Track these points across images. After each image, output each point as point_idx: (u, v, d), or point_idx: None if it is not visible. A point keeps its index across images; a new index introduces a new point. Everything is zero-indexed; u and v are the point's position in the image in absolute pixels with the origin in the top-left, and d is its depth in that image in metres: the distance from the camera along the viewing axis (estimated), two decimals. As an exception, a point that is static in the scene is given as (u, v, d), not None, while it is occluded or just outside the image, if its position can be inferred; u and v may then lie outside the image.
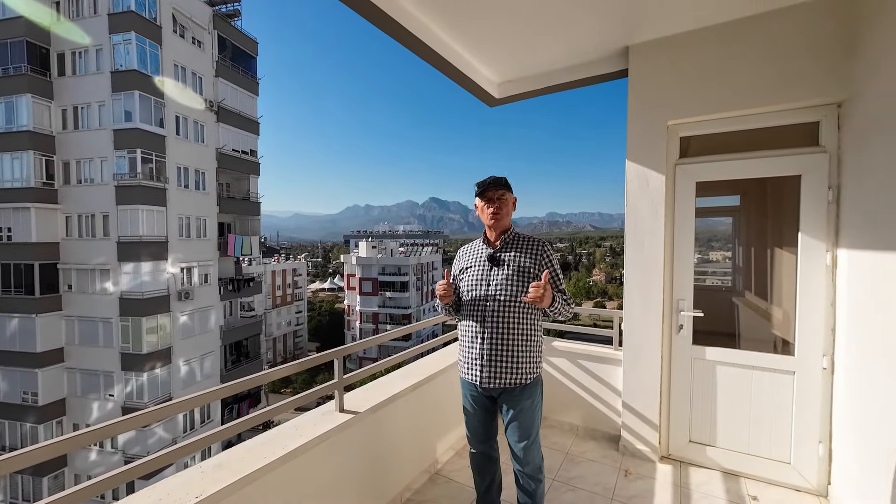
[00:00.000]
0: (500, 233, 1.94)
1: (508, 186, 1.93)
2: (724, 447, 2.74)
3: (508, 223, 1.95)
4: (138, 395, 17.18)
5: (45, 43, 17.12)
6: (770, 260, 3.19)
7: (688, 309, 2.79)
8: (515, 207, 2.00)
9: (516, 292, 1.81)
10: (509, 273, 1.84)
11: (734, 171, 2.68)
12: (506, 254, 1.89)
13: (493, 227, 1.92)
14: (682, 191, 2.79)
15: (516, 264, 1.85)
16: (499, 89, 3.57)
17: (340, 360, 2.06)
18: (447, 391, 2.96)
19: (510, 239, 1.93)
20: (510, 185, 1.94)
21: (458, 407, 3.14)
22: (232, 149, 21.13)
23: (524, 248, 1.88)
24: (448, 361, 3.03)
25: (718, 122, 2.70)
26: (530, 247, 1.89)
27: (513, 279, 1.82)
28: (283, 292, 49.14)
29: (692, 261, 2.79)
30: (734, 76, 2.55)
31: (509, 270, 1.84)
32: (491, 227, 1.93)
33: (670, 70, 2.75)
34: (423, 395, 2.70)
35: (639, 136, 2.86)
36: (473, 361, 1.88)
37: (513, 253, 1.88)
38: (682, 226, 2.80)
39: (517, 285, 1.81)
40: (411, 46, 2.65)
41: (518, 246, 1.90)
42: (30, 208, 16.67)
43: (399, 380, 2.64)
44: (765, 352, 2.62)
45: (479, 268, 1.90)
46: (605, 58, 3.06)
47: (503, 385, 1.84)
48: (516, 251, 1.88)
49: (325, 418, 2.02)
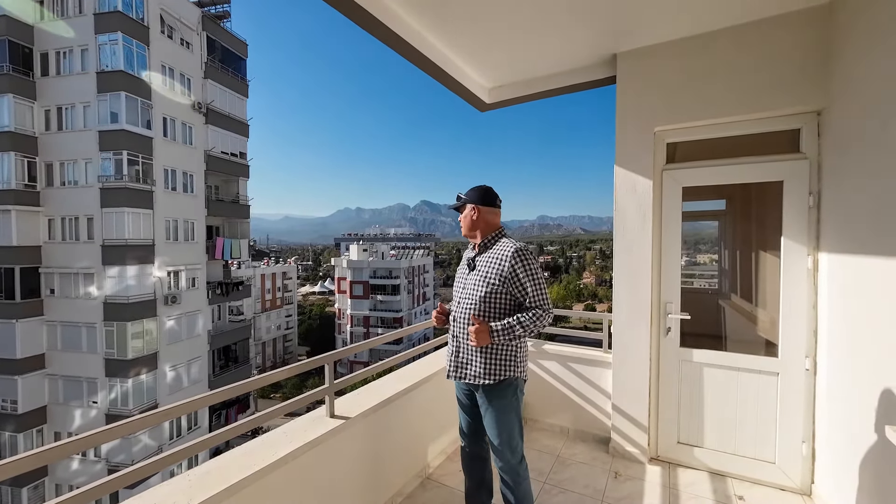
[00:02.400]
0: (479, 240, 2.01)
1: (468, 199, 2.02)
2: (711, 448, 2.78)
3: (476, 231, 2.01)
4: (123, 402, 16.79)
5: (29, 42, 16.76)
6: (755, 263, 3.27)
7: (675, 312, 2.83)
8: (479, 213, 1.99)
9: (480, 297, 1.90)
10: (477, 278, 1.94)
11: (719, 176, 2.75)
12: (480, 258, 1.98)
13: (466, 236, 2.07)
14: (669, 196, 2.85)
15: (484, 270, 1.93)
16: (490, 94, 3.60)
17: (331, 364, 2.05)
18: (438, 395, 2.97)
19: (489, 244, 1.99)
20: (474, 194, 2.02)
21: (450, 411, 3.17)
22: (221, 151, 20.89)
23: (494, 255, 1.92)
24: (439, 365, 3.04)
25: (703, 129, 2.77)
26: (499, 253, 1.90)
27: (478, 284, 1.92)
28: (272, 296, 48.57)
29: (679, 264, 2.84)
30: (718, 84, 2.62)
31: (478, 276, 1.94)
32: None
33: (657, 78, 2.81)
34: (414, 399, 2.70)
35: (626, 142, 2.91)
36: (448, 355, 2.06)
37: (486, 258, 1.95)
38: (670, 230, 2.85)
39: (480, 290, 1.90)
40: (402, 51, 2.66)
41: (492, 252, 1.95)
42: (10, 211, 16.24)
43: (390, 384, 2.63)
44: (751, 353, 2.68)
45: (462, 271, 2.07)
46: (593, 65, 3.11)
47: (466, 380, 1.96)
48: (489, 257, 1.95)
49: (316, 424, 2.01)
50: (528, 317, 1.82)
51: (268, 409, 1.82)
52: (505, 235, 2.00)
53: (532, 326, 1.82)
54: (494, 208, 2.01)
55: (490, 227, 2.00)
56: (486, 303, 1.89)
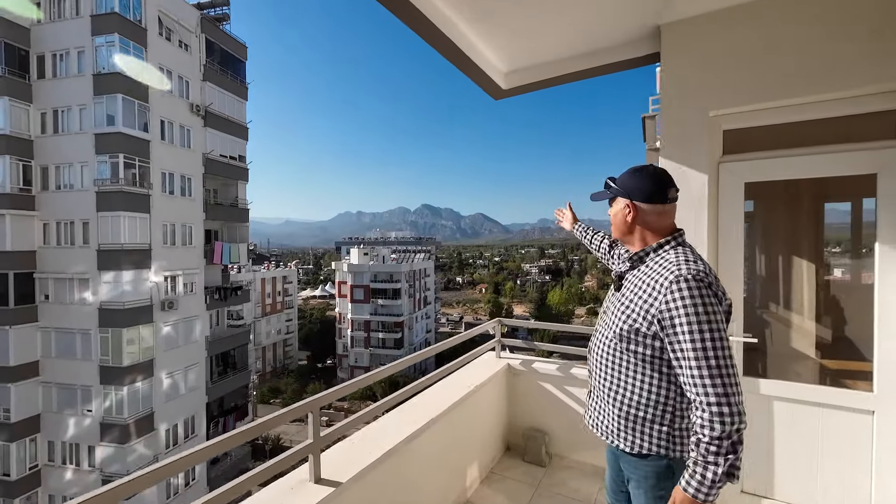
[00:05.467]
0: (637, 248, 1.39)
1: (621, 190, 1.40)
2: (783, 500, 2.29)
3: (631, 236, 1.40)
4: (118, 411, 16.35)
5: (25, 45, 16.47)
6: (809, 272, 2.77)
7: (737, 333, 2.35)
8: (636, 214, 1.37)
9: (616, 333, 1.31)
10: (619, 305, 1.35)
11: (791, 170, 2.27)
12: (631, 275, 1.37)
13: (618, 239, 1.51)
14: (728, 194, 2.38)
15: (629, 296, 1.33)
16: (506, 79, 3.15)
17: (316, 413, 1.57)
18: (460, 431, 2.48)
19: (646, 256, 1.36)
20: (631, 182, 1.38)
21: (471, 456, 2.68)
22: (220, 154, 20.53)
23: (648, 276, 1.29)
24: (457, 393, 2.55)
25: (770, 113, 2.29)
26: (654, 276, 1.26)
27: (618, 314, 1.33)
28: (272, 300, 48.15)
29: (741, 277, 2.37)
30: (794, 57, 2.15)
31: (620, 302, 1.35)
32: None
33: (712, 51, 2.34)
34: (423, 446, 2.21)
35: (674, 130, 2.44)
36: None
37: (638, 277, 1.34)
38: (729, 235, 2.38)
39: (618, 323, 1.31)
40: (411, 21, 2.22)
41: (648, 269, 1.32)
42: (4, 215, 15.89)
43: (393, 427, 2.13)
44: (810, 382, 2.19)
45: (612, 285, 1.48)
46: (631, 40, 2.65)
47: (602, 436, 1.42)
48: (641, 277, 1.33)
49: (295, 495, 1.52)
50: (701, 442, 1.11)
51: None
52: (679, 244, 1.32)
53: (715, 460, 1.10)
54: (663, 204, 1.33)
55: (656, 231, 1.35)
56: (620, 350, 1.29)
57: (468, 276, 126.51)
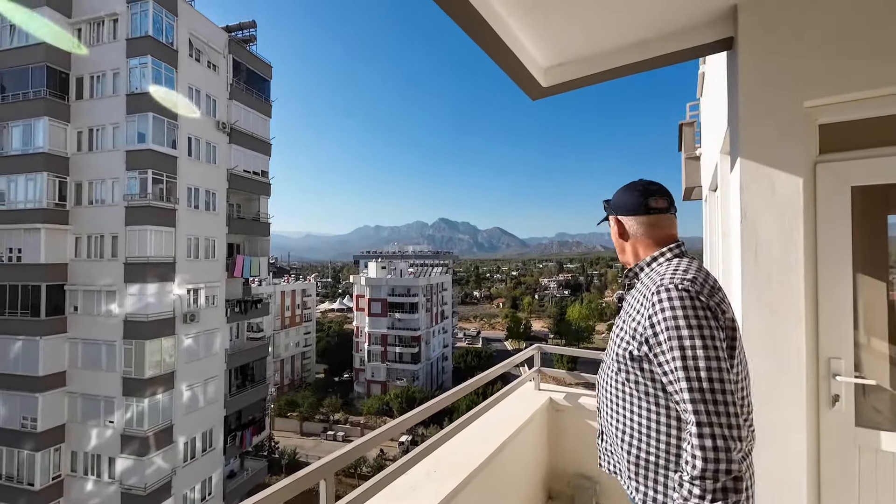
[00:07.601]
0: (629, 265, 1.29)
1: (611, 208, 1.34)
2: (922, 591, 1.78)
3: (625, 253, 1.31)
4: (138, 422, 16.45)
5: (66, 67, 17.37)
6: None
7: (846, 373, 1.89)
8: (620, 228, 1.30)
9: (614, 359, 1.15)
10: (617, 330, 1.21)
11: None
12: (629, 295, 1.24)
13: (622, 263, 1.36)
14: (830, 200, 1.95)
15: (623, 317, 1.19)
16: (546, 76, 2.82)
17: (331, 480, 1.22)
18: (498, 481, 2.08)
19: (639, 272, 1.25)
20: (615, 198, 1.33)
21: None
22: (243, 169, 20.98)
23: (638, 296, 1.16)
24: (496, 436, 2.15)
25: (885, 101, 1.88)
26: (641, 296, 1.13)
27: (615, 338, 1.20)
28: (291, 313, 48.63)
29: (850, 301, 1.91)
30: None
31: (618, 325, 1.21)
32: None
33: (803, 31, 1.96)
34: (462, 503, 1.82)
35: (757, 124, 2.04)
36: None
37: (632, 296, 1.21)
38: (833, 250, 1.94)
39: (615, 348, 1.17)
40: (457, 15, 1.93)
41: (640, 286, 1.19)
42: (40, 229, 16.53)
43: (421, 485, 1.76)
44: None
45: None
46: (698, 24, 2.29)
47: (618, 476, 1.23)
48: (634, 296, 1.19)
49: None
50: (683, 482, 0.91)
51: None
52: (676, 256, 1.19)
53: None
54: (645, 216, 1.23)
55: (648, 245, 1.24)
56: (621, 382, 1.12)
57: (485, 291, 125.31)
